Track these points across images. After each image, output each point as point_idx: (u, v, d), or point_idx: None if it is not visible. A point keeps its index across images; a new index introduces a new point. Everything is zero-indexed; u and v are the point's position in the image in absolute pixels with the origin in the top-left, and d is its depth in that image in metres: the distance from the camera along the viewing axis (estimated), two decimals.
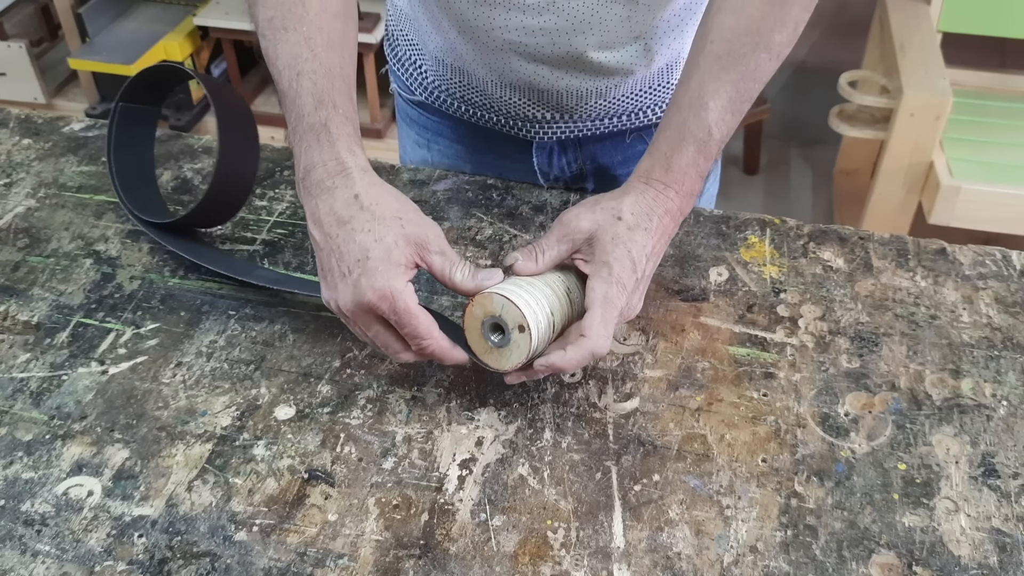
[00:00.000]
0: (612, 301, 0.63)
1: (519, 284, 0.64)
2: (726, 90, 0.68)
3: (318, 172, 0.64)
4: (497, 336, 0.63)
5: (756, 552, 0.59)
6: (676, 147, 0.68)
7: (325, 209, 0.63)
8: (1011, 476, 0.63)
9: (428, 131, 0.98)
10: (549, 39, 0.80)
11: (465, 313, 0.64)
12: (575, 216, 0.67)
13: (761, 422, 0.67)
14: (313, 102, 0.65)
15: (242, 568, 0.58)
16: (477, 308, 0.63)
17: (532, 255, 0.66)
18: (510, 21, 0.79)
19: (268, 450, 0.65)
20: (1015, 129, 1.92)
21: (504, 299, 0.62)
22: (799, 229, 0.84)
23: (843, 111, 1.92)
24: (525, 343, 0.62)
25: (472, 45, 0.84)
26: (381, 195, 0.63)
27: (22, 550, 0.59)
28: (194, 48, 2.34)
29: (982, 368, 0.71)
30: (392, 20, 0.96)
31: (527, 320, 0.62)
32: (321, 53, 0.67)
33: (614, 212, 0.66)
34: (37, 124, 0.99)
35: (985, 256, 0.81)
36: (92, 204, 0.88)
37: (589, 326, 0.62)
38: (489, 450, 0.65)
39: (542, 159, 0.94)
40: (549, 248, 0.66)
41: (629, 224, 0.66)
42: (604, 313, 0.63)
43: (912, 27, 1.93)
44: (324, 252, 0.63)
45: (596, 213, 0.66)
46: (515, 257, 0.66)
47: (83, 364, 0.72)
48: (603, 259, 0.64)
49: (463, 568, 0.58)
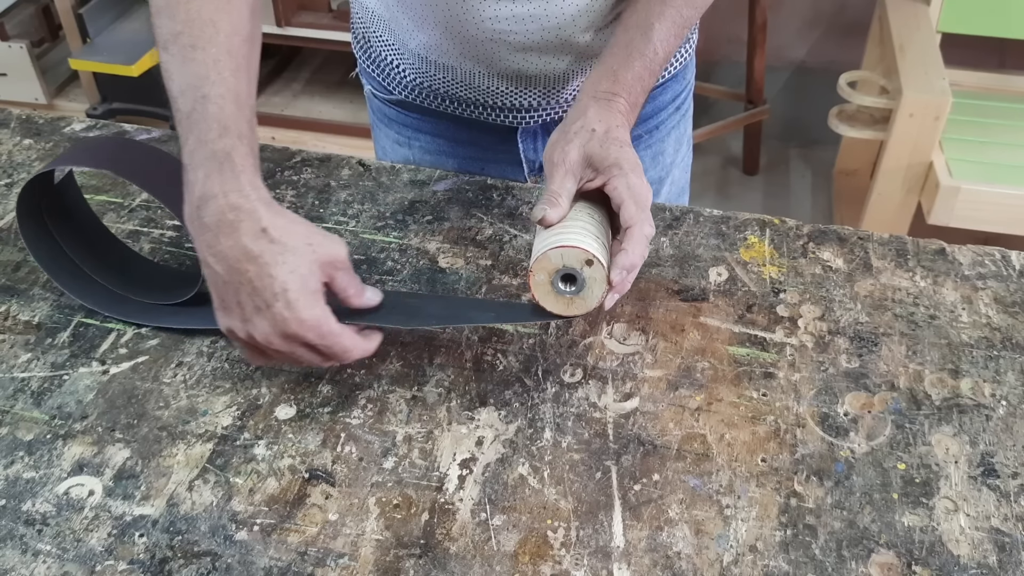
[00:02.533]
0: (637, 188, 0.67)
1: (557, 232, 0.66)
2: (670, 14, 0.76)
3: (217, 204, 0.61)
4: (569, 286, 0.65)
5: (756, 551, 0.59)
6: (624, 62, 0.74)
7: (229, 244, 0.61)
8: (1010, 476, 0.63)
9: (408, 128, 0.99)
10: (538, 25, 0.82)
11: (531, 285, 0.65)
12: (560, 152, 0.70)
13: (761, 422, 0.67)
14: (218, 128, 0.63)
15: (243, 567, 0.58)
16: (539, 274, 0.65)
17: (553, 202, 0.68)
18: (500, 11, 0.81)
19: (269, 450, 0.66)
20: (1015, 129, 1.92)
21: (559, 249, 0.64)
22: (799, 229, 0.84)
23: (843, 111, 1.92)
24: (600, 272, 0.64)
25: (459, 40, 0.84)
26: (287, 224, 0.62)
27: (23, 550, 0.59)
28: None
29: (981, 368, 0.71)
30: (361, 23, 0.96)
31: (590, 251, 0.64)
32: (229, 78, 0.65)
33: (586, 128, 0.70)
34: (38, 124, 0.99)
35: (984, 256, 0.81)
36: (93, 204, 0.88)
37: (631, 216, 0.66)
38: (489, 450, 0.65)
39: (527, 145, 0.95)
40: (561, 189, 0.69)
41: (605, 129, 0.70)
42: (637, 200, 0.67)
43: (912, 27, 1.93)
44: (230, 286, 0.62)
45: (574, 139, 0.70)
46: (542, 210, 0.68)
47: (84, 364, 0.72)
48: (607, 164, 0.68)
49: (463, 567, 0.58)
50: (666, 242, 0.82)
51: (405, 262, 0.81)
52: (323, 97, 2.47)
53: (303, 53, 2.61)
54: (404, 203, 0.87)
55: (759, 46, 2.22)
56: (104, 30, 2.34)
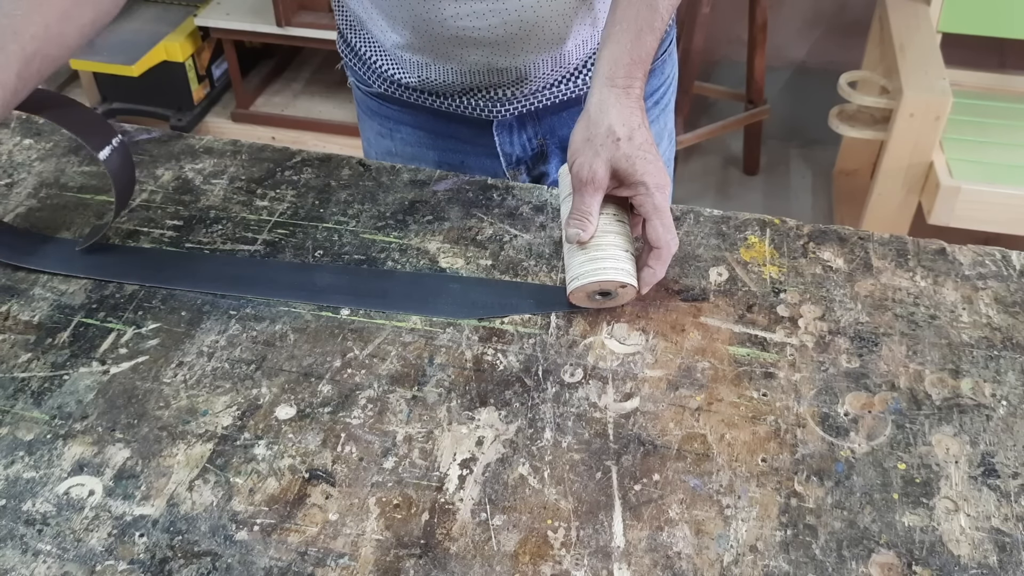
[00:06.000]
0: (661, 207, 0.71)
1: (593, 256, 0.72)
2: None
3: None
4: (604, 297, 0.74)
5: (756, 551, 0.59)
6: (635, 40, 0.74)
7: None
8: (1011, 476, 0.63)
9: (390, 120, 1.01)
10: (500, 19, 0.83)
11: (568, 294, 0.73)
12: (589, 169, 0.71)
13: (761, 422, 0.67)
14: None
15: (243, 567, 0.58)
16: (579, 293, 0.73)
17: (584, 223, 0.71)
18: (460, 8, 0.82)
19: (269, 450, 0.66)
20: (1015, 129, 1.92)
21: (598, 282, 0.71)
22: (799, 229, 0.84)
23: (843, 111, 1.92)
24: (631, 291, 0.73)
25: (428, 38, 0.86)
26: None
27: (23, 549, 0.59)
28: (195, 49, 2.34)
29: (982, 368, 0.71)
30: (341, 20, 0.99)
31: (622, 278, 0.71)
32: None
33: (611, 137, 0.71)
34: (38, 124, 0.99)
35: (985, 256, 0.81)
36: (93, 204, 0.88)
37: (658, 237, 0.71)
38: (489, 450, 0.65)
39: (503, 139, 0.96)
40: (591, 208, 0.71)
41: (627, 135, 0.71)
42: (662, 220, 0.71)
43: (912, 27, 1.93)
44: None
45: (601, 152, 0.71)
46: (576, 234, 0.71)
47: (84, 364, 0.72)
48: (634, 180, 0.71)
49: (463, 567, 0.58)
50: None
51: (405, 262, 0.81)
52: (323, 97, 2.47)
53: (303, 53, 2.61)
54: (404, 203, 0.87)
55: (759, 46, 2.22)
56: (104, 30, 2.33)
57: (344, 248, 0.82)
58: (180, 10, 2.39)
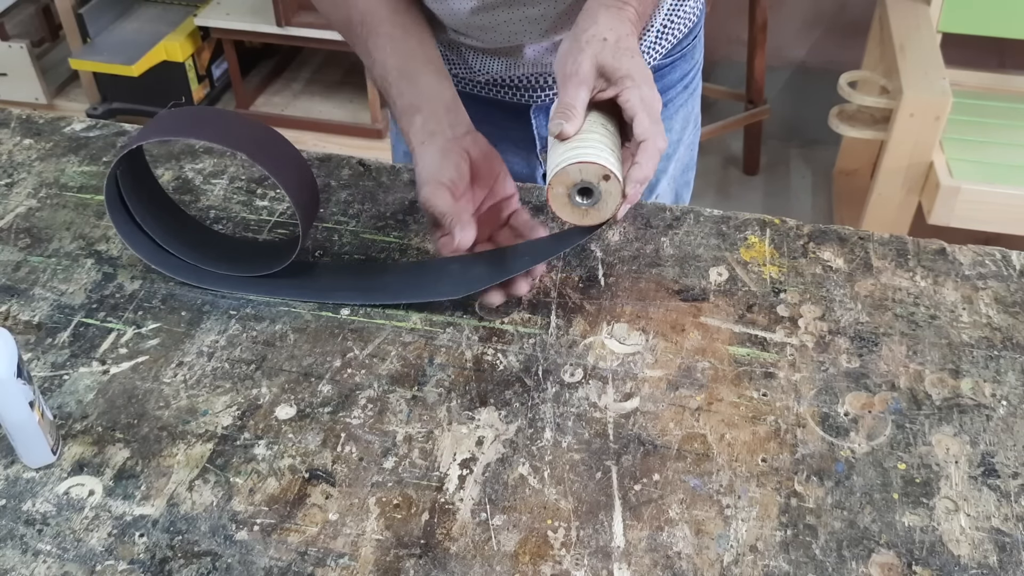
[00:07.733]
0: (649, 100, 0.68)
1: (575, 145, 0.68)
2: None
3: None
4: (586, 198, 0.68)
5: (756, 551, 0.59)
6: None
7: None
8: (1011, 476, 0.63)
9: None
10: (549, 24, 0.84)
11: (548, 197, 0.68)
12: (573, 63, 0.69)
13: (761, 422, 0.67)
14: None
15: (243, 567, 0.58)
16: (558, 187, 0.68)
17: (568, 115, 0.69)
18: (513, 15, 0.82)
19: (269, 450, 0.66)
20: (1015, 129, 1.92)
21: (578, 165, 0.66)
22: (799, 229, 0.84)
23: (843, 111, 1.92)
24: (616, 187, 0.67)
25: (474, 42, 0.87)
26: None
27: (23, 549, 0.59)
28: (195, 49, 2.34)
29: (982, 368, 0.71)
30: None
31: (608, 167, 0.66)
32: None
33: (597, 37, 0.70)
34: (38, 124, 0.99)
35: (985, 256, 0.81)
36: (93, 204, 0.88)
37: (644, 130, 0.67)
38: (489, 450, 0.65)
39: (540, 121, 0.96)
40: (575, 101, 0.69)
41: (616, 38, 0.70)
42: (650, 113, 0.68)
43: (912, 27, 1.93)
44: None
45: (586, 48, 0.69)
46: (559, 125, 0.68)
47: (84, 364, 0.72)
48: (619, 75, 0.68)
49: (463, 567, 0.58)
50: (666, 242, 0.82)
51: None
52: (323, 97, 2.47)
53: (303, 53, 2.61)
54: (404, 203, 0.87)
55: (759, 46, 2.22)
56: (104, 30, 2.34)
57: (344, 248, 0.82)
58: (180, 10, 2.39)
